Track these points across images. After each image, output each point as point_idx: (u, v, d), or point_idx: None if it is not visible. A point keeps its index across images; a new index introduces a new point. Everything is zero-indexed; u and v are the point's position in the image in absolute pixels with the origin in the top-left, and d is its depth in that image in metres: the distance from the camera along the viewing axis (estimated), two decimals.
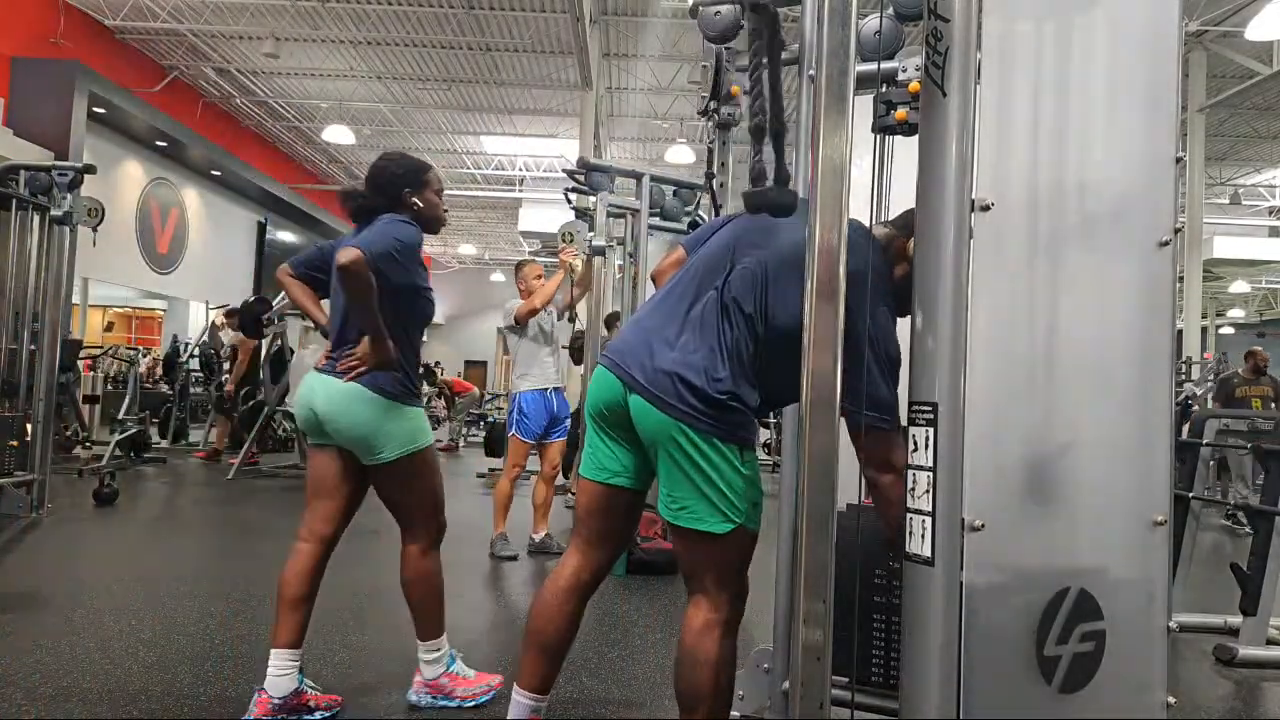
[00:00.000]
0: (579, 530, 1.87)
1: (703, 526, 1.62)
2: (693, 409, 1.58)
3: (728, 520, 1.62)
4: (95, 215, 5.83)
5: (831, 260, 1.34)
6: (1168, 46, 1.38)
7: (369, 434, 2.19)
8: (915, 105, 1.71)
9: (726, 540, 1.63)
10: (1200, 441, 3.75)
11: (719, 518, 1.61)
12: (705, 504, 1.61)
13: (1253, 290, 21.41)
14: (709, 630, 1.64)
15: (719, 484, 1.60)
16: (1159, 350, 1.36)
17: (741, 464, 1.63)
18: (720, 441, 1.59)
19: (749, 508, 1.65)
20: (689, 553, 1.68)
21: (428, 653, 2.38)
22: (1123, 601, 1.31)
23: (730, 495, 1.61)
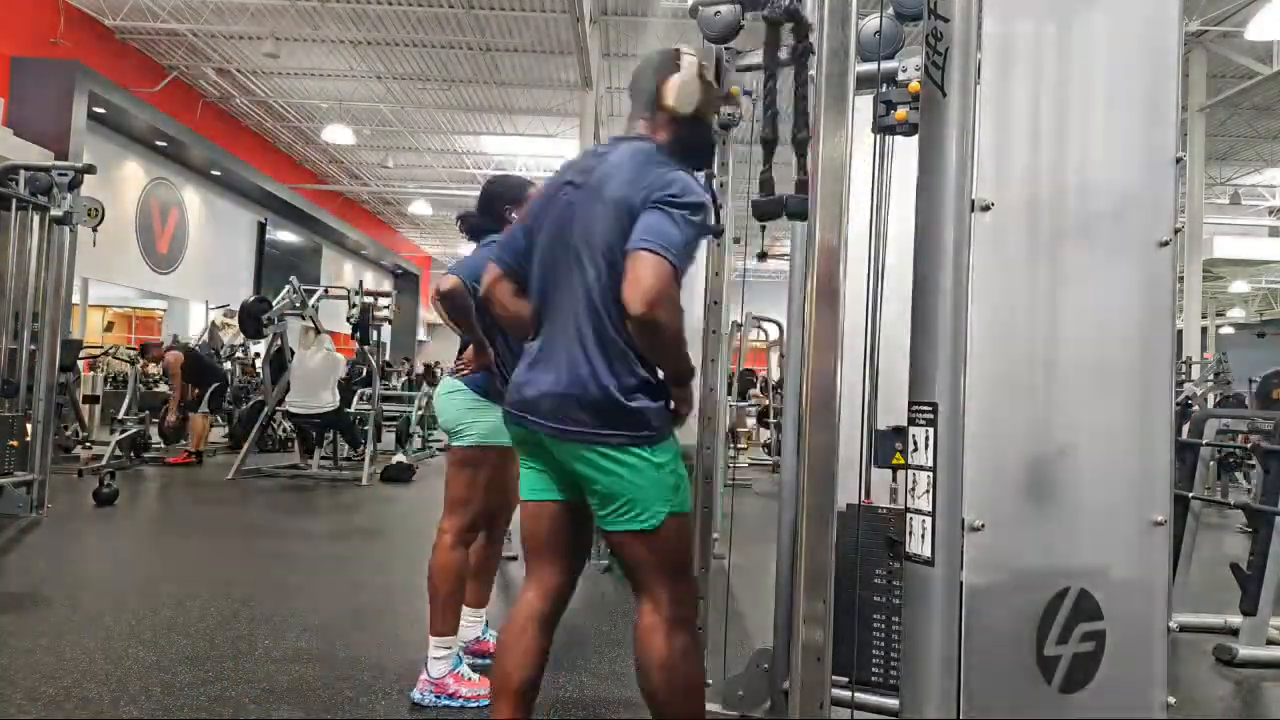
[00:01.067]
0: (528, 558, 1.80)
1: (633, 526, 1.60)
2: (589, 428, 1.57)
3: (654, 516, 1.59)
4: (95, 215, 5.84)
5: (831, 260, 1.34)
6: (1168, 46, 1.38)
7: (452, 421, 2.49)
8: (915, 105, 1.71)
9: (658, 534, 1.60)
10: (1200, 441, 3.75)
11: (646, 515, 1.59)
12: (630, 505, 1.59)
13: (1253, 290, 21.43)
14: (655, 630, 1.60)
15: (638, 484, 1.58)
16: (1159, 350, 1.36)
17: (654, 456, 1.59)
18: (629, 448, 1.57)
19: (672, 493, 1.62)
20: (625, 553, 1.65)
21: (437, 649, 2.39)
22: (1123, 601, 1.31)
23: (652, 491, 1.59)
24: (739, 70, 2.32)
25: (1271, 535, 3.21)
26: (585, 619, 3.41)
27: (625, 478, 1.58)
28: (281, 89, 12.85)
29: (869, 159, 1.89)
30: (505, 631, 1.74)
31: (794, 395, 2.01)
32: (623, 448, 1.57)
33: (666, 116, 1.71)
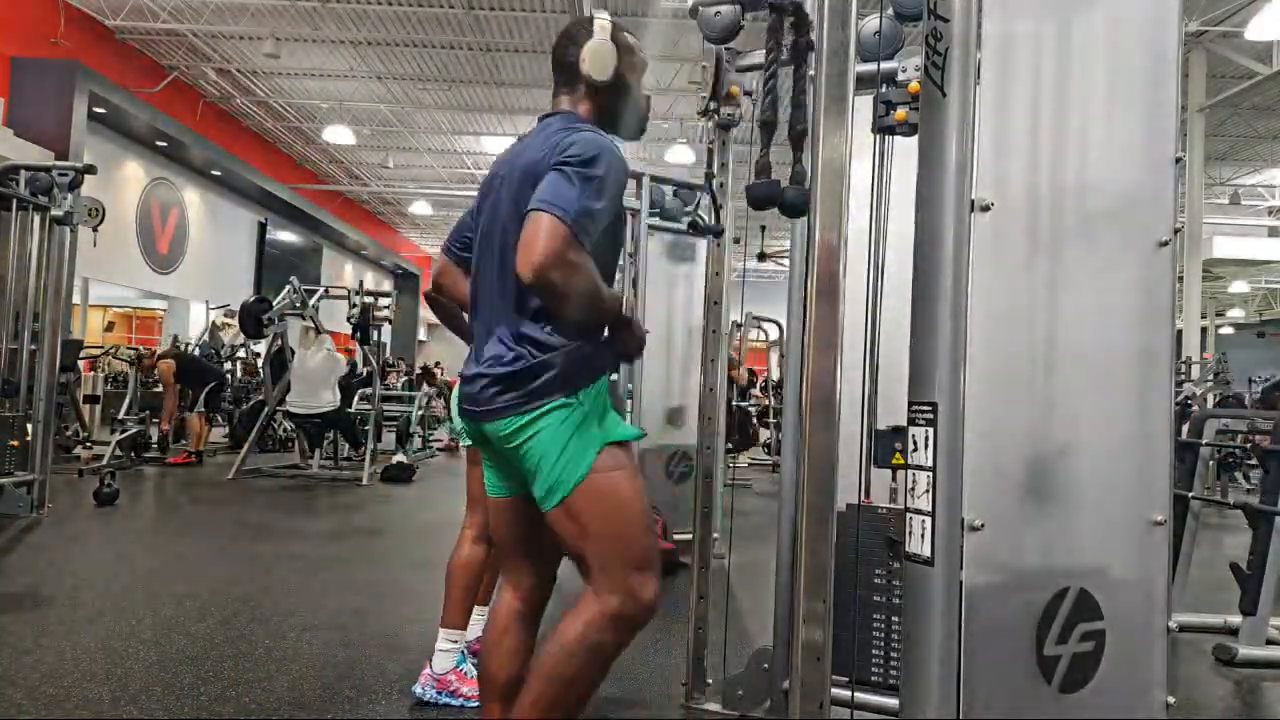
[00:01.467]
0: (501, 560, 1.75)
1: (552, 499, 1.49)
2: (495, 402, 1.50)
3: (576, 473, 1.48)
4: (95, 215, 5.83)
5: (831, 260, 1.34)
6: (1168, 46, 1.38)
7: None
8: (915, 105, 1.71)
9: (577, 499, 1.48)
10: (1200, 441, 3.75)
11: (570, 479, 1.48)
12: (557, 474, 1.48)
13: (1252, 290, 21.43)
14: (582, 613, 1.49)
15: (559, 450, 1.48)
16: (1159, 350, 1.36)
17: (554, 415, 1.48)
18: (534, 414, 1.48)
19: (582, 450, 1.49)
20: (565, 531, 1.52)
21: (445, 641, 2.40)
22: (1123, 601, 1.31)
23: (574, 449, 1.48)
24: (739, 70, 2.32)
25: (1271, 535, 3.21)
26: None
27: (529, 445, 1.48)
28: (282, 89, 12.85)
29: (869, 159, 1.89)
30: (487, 632, 1.69)
31: (794, 395, 2.01)
32: (519, 413, 1.48)
33: (587, 87, 1.64)
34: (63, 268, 5.34)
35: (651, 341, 4.95)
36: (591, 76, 1.62)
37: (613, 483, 1.50)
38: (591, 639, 1.47)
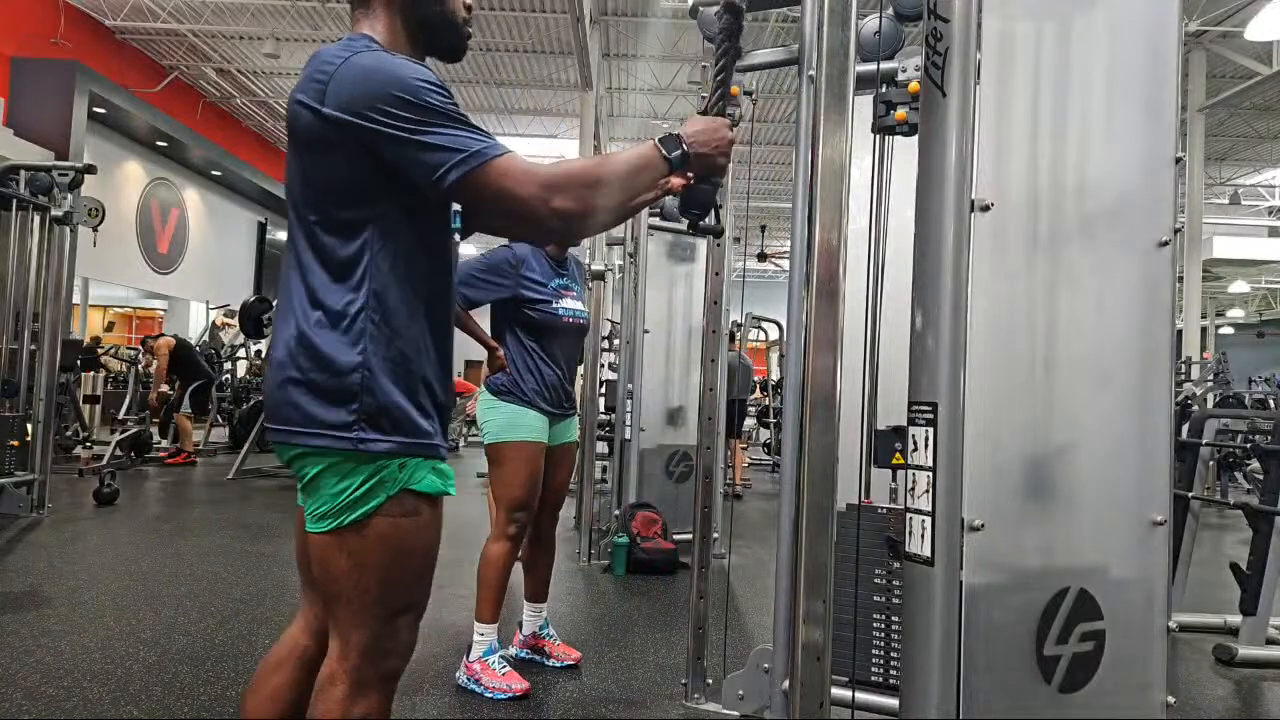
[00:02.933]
0: (301, 583, 1.41)
1: (312, 526, 1.22)
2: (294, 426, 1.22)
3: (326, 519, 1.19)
4: (96, 215, 5.84)
5: (831, 260, 1.34)
6: (1168, 46, 1.38)
7: (478, 421, 2.66)
8: (915, 105, 1.71)
9: (339, 540, 1.19)
10: (1200, 441, 3.75)
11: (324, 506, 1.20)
12: (311, 493, 1.23)
13: (1252, 290, 21.42)
14: (330, 684, 1.21)
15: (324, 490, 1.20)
16: (1159, 350, 1.36)
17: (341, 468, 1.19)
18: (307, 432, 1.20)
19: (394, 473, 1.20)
20: (326, 564, 1.22)
21: (476, 634, 2.55)
22: (1122, 601, 1.31)
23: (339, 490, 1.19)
24: (739, 70, 2.32)
25: (1271, 535, 3.21)
26: (584, 619, 3.42)
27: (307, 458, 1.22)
28: (282, 89, 12.85)
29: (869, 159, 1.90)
30: (260, 666, 1.38)
31: (794, 395, 2.01)
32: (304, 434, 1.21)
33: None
34: (63, 268, 5.34)
35: (651, 342, 4.99)
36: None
37: (403, 533, 1.22)
38: (349, 705, 1.21)
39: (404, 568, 1.23)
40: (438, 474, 1.25)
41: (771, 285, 15.58)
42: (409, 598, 1.25)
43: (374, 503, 1.19)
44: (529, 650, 2.80)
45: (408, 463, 1.21)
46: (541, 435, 2.61)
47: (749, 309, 9.62)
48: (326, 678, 1.22)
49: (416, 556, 1.24)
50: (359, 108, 1.13)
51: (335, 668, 1.22)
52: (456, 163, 1.13)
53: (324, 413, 1.19)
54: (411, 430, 1.21)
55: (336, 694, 1.20)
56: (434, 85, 1.16)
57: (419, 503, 1.22)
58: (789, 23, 9.04)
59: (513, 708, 2.41)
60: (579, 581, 4.11)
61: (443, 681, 2.58)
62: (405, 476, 1.20)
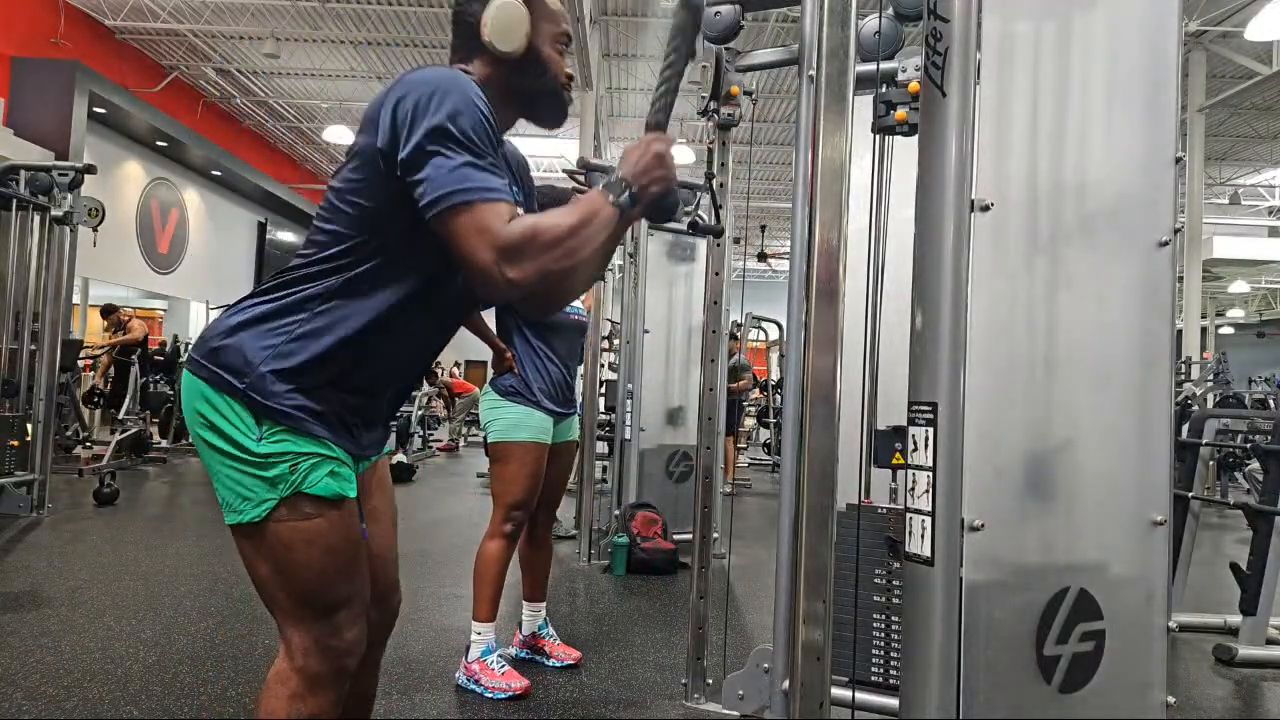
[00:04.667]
0: None
1: (231, 519, 1.21)
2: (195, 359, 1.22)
3: (255, 502, 1.18)
4: (96, 215, 5.83)
5: (831, 260, 1.34)
6: (1168, 46, 1.38)
7: (482, 421, 2.70)
8: (915, 105, 1.71)
9: (264, 533, 1.19)
10: (1200, 441, 3.75)
11: (245, 502, 1.19)
12: (228, 488, 1.20)
13: (1252, 290, 21.43)
14: (278, 682, 1.22)
15: (228, 456, 1.19)
16: (1159, 350, 1.36)
17: (248, 429, 1.18)
18: (216, 391, 1.19)
19: (271, 473, 1.18)
20: (248, 567, 1.24)
21: (473, 634, 2.55)
22: (1122, 601, 1.31)
23: (234, 468, 1.18)
24: (739, 70, 2.32)
25: (1271, 535, 3.21)
26: (584, 619, 3.42)
27: (207, 441, 1.20)
28: (282, 89, 12.85)
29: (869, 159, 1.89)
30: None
31: (794, 395, 2.01)
32: (211, 389, 1.19)
33: (488, 57, 1.30)
34: (63, 268, 5.34)
35: (651, 342, 4.98)
36: (494, 46, 1.28)
37: (319, 530, 1.22)
38: (295, 703, 1.21)
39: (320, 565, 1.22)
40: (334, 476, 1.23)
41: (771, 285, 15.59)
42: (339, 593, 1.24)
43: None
44: (528, 650, 2.80)
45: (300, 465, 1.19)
46: (545, 436, 2.62)
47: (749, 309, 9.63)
48: (275, 676, 1.22)
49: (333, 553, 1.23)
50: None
51: (282, 666, 1.22)
52: (433, 200, 1.12)
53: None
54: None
55: (284, 692, 1.20)
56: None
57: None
58: (789, 23, 9.04)
59: (513, 707, 2.41)
60: (579, 581, 4.11)
61: (443, 681, 2.58)
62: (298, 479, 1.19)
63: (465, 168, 1.12)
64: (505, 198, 1.14)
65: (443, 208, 1.11)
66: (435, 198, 1.11)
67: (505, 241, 1.10)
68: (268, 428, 1.17)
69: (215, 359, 1.19)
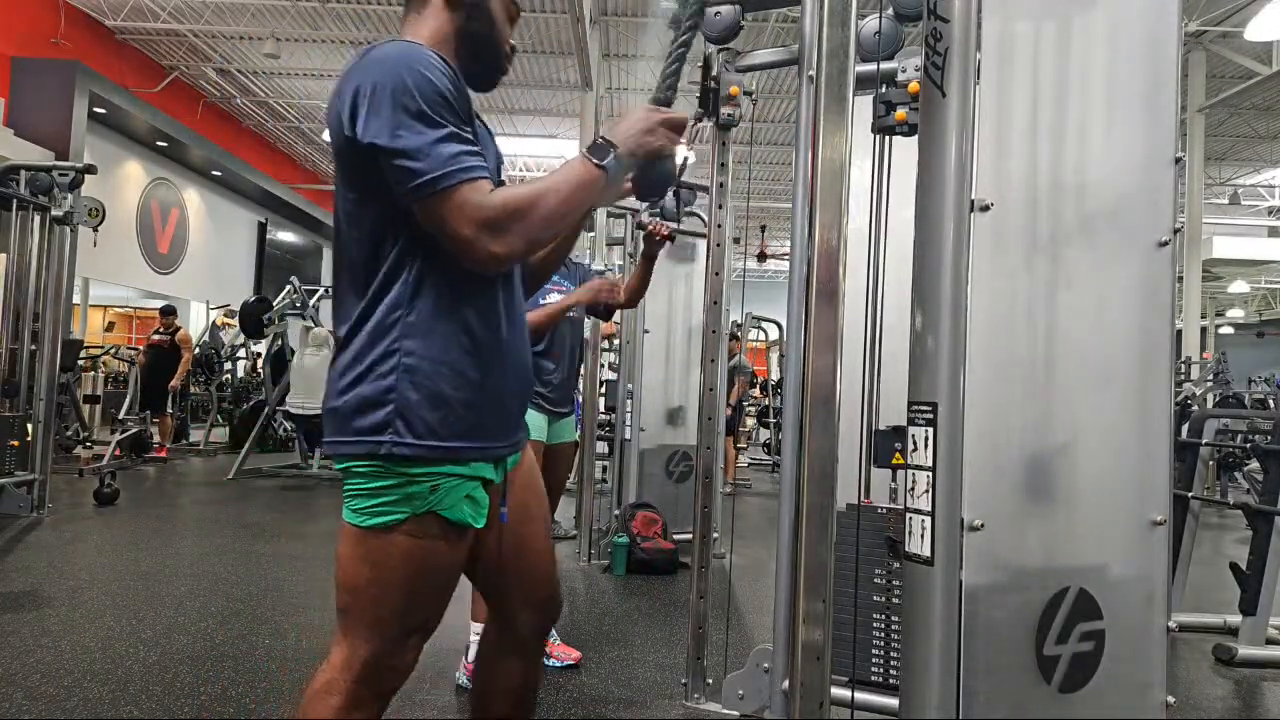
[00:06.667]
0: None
1: (352, 519, 1.25)
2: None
3: (385, 510, 1.20)
4: (96, 215, 5.83)
5: (831, 260, 1.34)
6: (1168, 46, 1.38)
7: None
8: (915, 105, 1.71)
9: (380, 541, 1.21)
10: (1200, 441, 3.75)
11: (375, 508, 1.22)
12: (364, 492, 1.24)
13: (1252, 290, 21.42)
14: (326, 692, 1.18)
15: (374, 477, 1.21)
16: (1159, 350, 1.36)
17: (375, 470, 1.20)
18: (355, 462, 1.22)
19: (424, 494, 1.19)
20: (342, 567, 1.26)
21: (472, 634, 2.55)
22: (1122, 601, 1.31)
23: (389, 481, 1.20)
24: (739, 70, 2.33)
25: (1271, 535, 3.21)
26: (584, 619, 3.42)
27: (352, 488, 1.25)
28: (282, 89, 12.85)
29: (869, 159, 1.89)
30: (475, 680, 1.49)
31: (794, 395, 2.01)
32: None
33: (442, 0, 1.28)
34: (63, 268, 5.34)
35: (651, 342, 4.98)
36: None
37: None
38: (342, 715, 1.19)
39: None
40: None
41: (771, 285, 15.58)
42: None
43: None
44: None
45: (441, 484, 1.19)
46: (540, 434, 2.61)
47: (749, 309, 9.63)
48: (324, 685, 1.19)
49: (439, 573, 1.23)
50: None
51: (333, 677, 1.18)
52: (410, 189, 1.10)
53: None
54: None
55: (332, 703, 1.17)
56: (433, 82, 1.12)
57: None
58: (789, 23, 9.04)
59: None
60: (579, 581, 4.11)
61: (443, 681, 2.58)
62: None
63: (435, 145, 1.09)
64: (481, 173, 1.12)
65: (421, 196, 1.09)
66: (411, 187, 1.09)
67: (486, 217, 1.09)
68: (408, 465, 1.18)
69: (348, 428, 1.19)
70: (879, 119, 1.79)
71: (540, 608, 1.43)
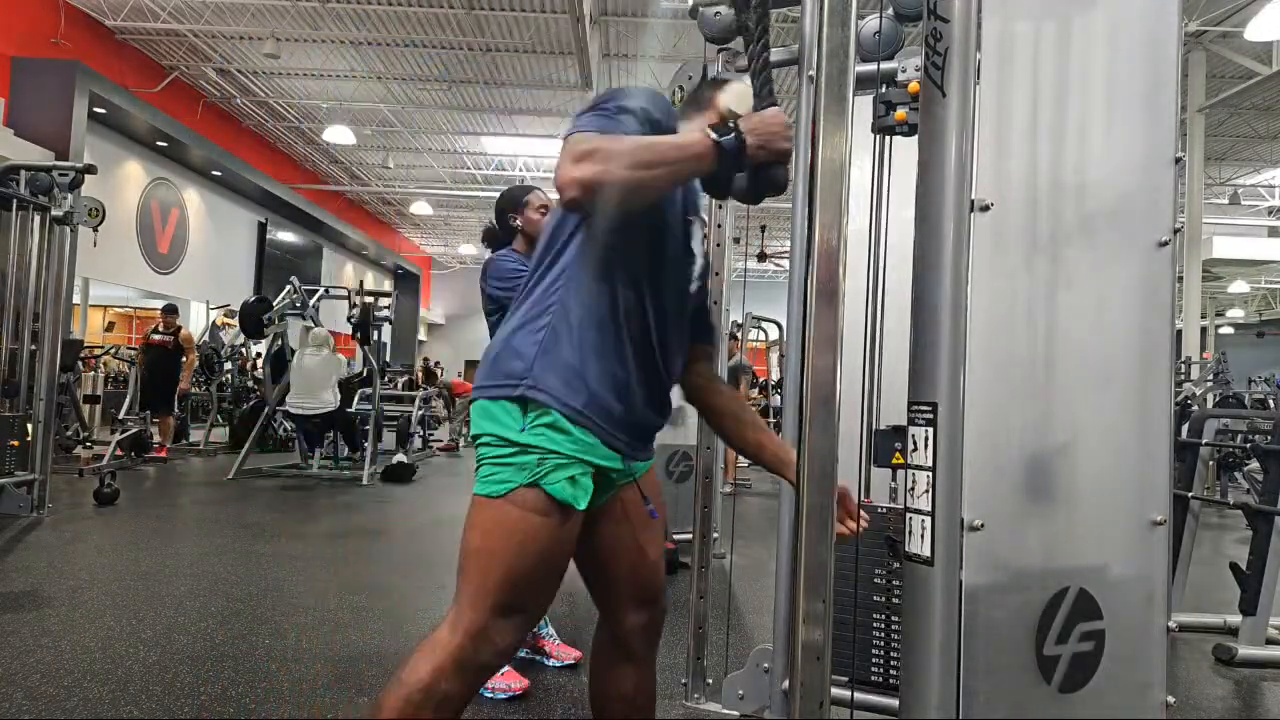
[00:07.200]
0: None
1: (477, 488, 1.33)
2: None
3: (501, 480, 1.29)
4: (96, 215, 5.83)
5: (831, 260, 1.34)
6: (1168, 46, 1.38)
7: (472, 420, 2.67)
8: (915, 105, 1.71)
9: (493, 508, 1.29)
10: (1200, 441, 3.75)
11: (493, 477, 1.31)
12: (488, 467, 1.33)
13: (1252, 290, 21.43)
14: (432, 649, 1.25)
15: (496, 448, 1.31)
16: (1159, 350, 1.36)
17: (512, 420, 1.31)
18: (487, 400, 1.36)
19: (531, 464, 1.28)
20: (465, 532, 1.35)
21: None
22: (1122, 601, 1.31)
23: (506, 453, 1.30)
24: (739, 70, 2.32)
25: (1271, 535, 3.21)
26: (584, 619, 3.42)
27: (484, 448, 1.35)
28: (282, 89, 12.85)
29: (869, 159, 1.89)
30: (590, 681, 1.64)
31: (794, 395, 2.01)
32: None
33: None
34: (63, 268, 5.34)
35: None
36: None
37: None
38: (436, 683, 1.24)
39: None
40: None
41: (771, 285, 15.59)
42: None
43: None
44: (528, 650, 2.80)
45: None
46: None
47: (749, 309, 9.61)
48: (433, 641, 1.26)
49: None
50: None
51: (443, 635, 1.26)
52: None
53: None
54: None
55: (433, 660, 1.23)
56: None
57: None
58: (789, 23, 9.04)
59: (513, 707, 2.41)
60: (579, 581, 4.11)
61: None
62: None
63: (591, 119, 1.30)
64: (590, 129, 1.26)
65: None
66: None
67: (578, 149, 1.19)
68: (531, 418, 1.29)
69: (496, 370, 1.34)
70: (879, 119, 1.79)
71: (649, 615, 1.52)
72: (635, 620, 1.51)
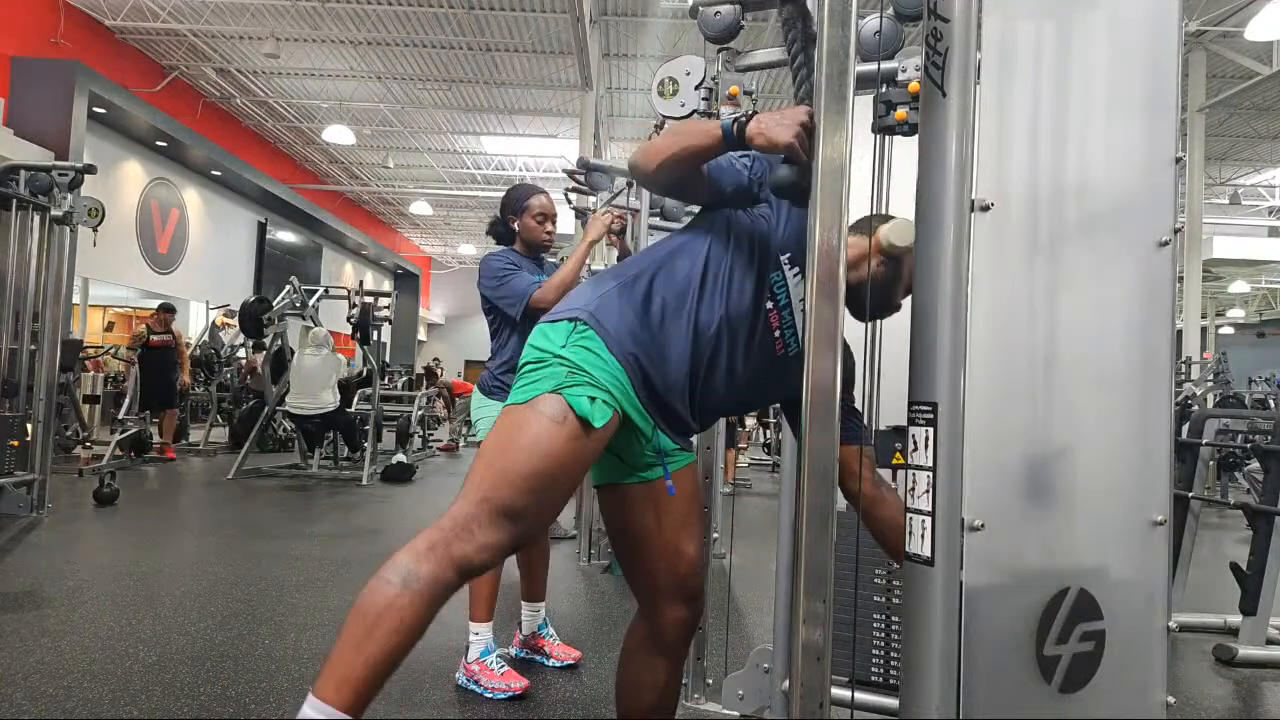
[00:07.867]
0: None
1: (511, 397, 1.40)
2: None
3: (532, 388, 1.36)
4: (96, 215, 5.83)
5: (831, 260, 1.34)
6: (1168, 47, 1.38)
7: (472, 420, 2.76)
8: (915, 105, 1.71)
9: (516, 411, 1.36)
10: (1200, 441, 3.75)
11: (529, 388, 1.37)
12: (528, 382, 1.39)
13: (1252, 290, 21.43)
14: (423, 549, 1.25)
15: (537, 364, 1.40)
16: (1159, 350, 1.36)
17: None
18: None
19: (560, 374, 1.35)
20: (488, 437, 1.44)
21: (470, 635, 2.56)
22: (1122, 601, 1.31)
23: (544, 366, 1.38)
24: (739, 70, 2.32)
25: (1271, 535, 3.21)
26: (584, 619, 3.42)
27: (527, 371, 1.43)
28: (281, 89, 12.86)
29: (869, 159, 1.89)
30: (620, 667, 1.65)
31: None
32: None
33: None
34: (63, 268, 5.34)
35: None
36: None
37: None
38: (417, 571, 1.25)
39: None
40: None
41: None
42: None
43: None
44: (528, 650, 2.80)
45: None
46: None
47: None
48: (422, 535, 1.27)
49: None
50: None
51: (440, 521, 1.29)
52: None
53: None
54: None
55: (416, 546, 1.25)
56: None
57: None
58: None
59: (513, 707, 2.41)
60: (579, 581, 4.11)
61: (442, 681, 2.58)
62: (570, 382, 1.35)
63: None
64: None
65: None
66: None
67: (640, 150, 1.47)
68: (575, 336, 1.38)
69: (568, 301, 1.47)
70: (879, 119, 1.78)
71: (687, 611, 1.57)
72: (673, 615, 1.55)
